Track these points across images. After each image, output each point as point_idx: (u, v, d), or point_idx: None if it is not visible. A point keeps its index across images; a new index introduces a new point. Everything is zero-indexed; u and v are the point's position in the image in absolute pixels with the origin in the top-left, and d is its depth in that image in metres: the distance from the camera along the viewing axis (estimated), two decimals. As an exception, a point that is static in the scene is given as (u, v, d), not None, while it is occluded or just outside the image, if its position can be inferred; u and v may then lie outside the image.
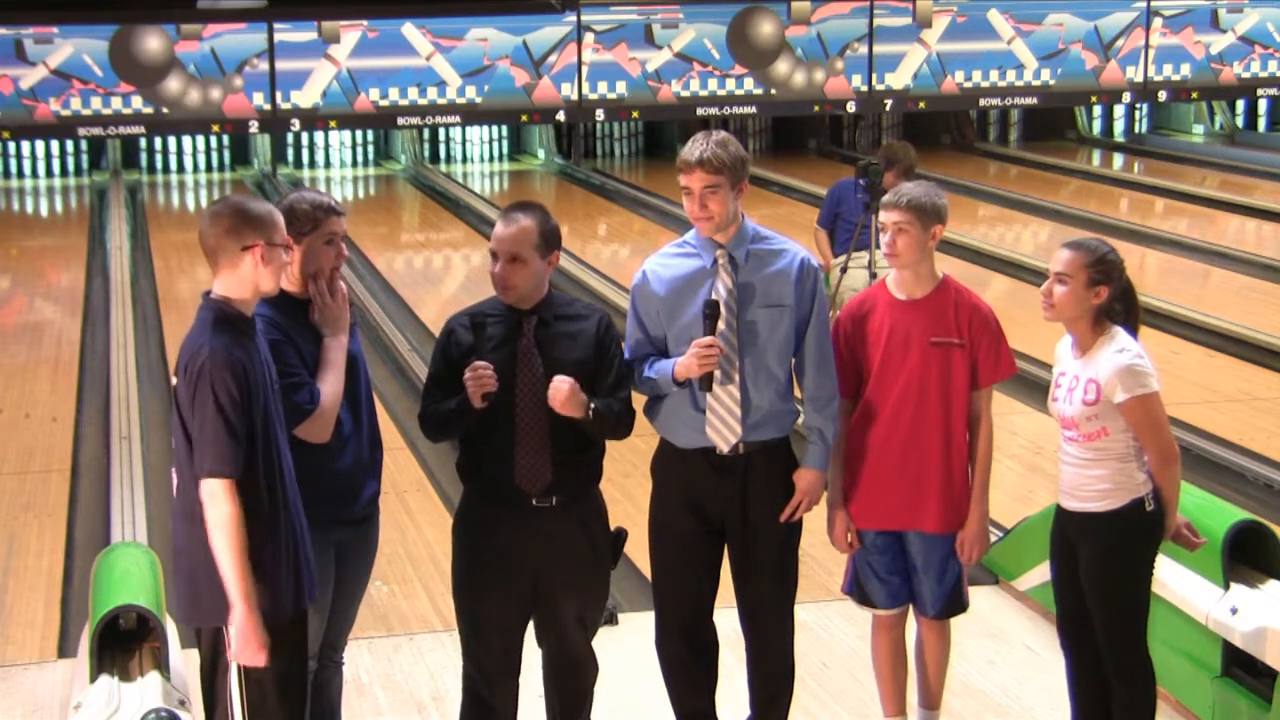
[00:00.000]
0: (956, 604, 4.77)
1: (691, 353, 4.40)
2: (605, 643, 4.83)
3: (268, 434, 3.86)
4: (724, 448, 4.50)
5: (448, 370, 4.38)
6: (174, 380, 3.86)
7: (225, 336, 3.81)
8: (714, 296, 4.46)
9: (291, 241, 4.18)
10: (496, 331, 4.37)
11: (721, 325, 4.45)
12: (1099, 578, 4.46)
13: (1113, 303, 4.44)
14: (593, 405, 4.34)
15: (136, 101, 16.44)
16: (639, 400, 4.58)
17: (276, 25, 16.23)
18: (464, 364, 4.31)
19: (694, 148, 4.47)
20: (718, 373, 4.44)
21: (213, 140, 18.37)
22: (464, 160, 19.22)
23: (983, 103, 18.63)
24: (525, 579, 4.42)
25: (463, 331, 4.39)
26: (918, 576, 4.71)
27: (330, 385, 4.20)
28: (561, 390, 4.27)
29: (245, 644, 3.83)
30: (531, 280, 4.37)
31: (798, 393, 4.63)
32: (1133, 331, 4.48)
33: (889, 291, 4.66)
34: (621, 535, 4.55)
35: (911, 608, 4.80)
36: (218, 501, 3.75)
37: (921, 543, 4.67)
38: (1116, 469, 4.42)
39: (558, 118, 17.62)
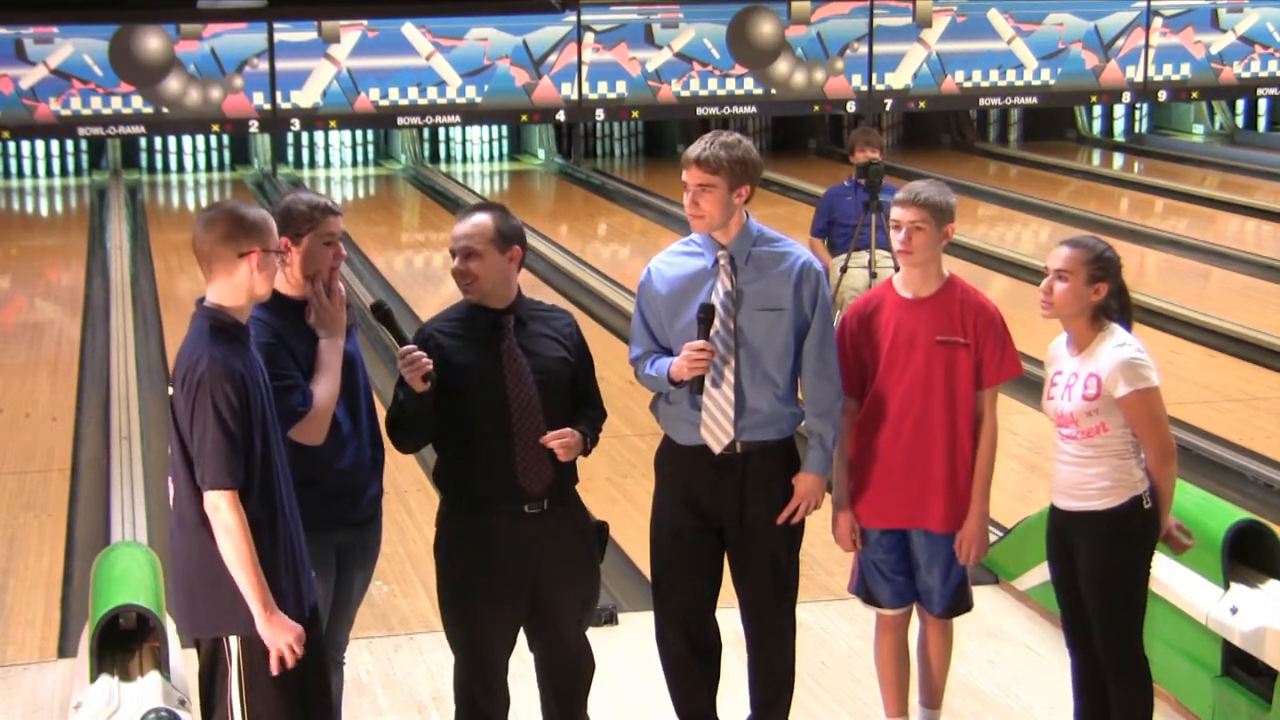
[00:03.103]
0: (962, 603, 4.77)
1: (683, 355, 4.41)
2: (605, 643, 4.83)
3: (265, 442, 3.83)
4: (716, 449, 4.50)
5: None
6: (170, 391, 3.83)
7: (223, 346, 3.77)
8: (711, 299, 4.46)
9: (289, 243, 4.18)
10: (475, 335, 4.37)
11: (717, 326, 4.45)
12: (1097, 576, 4.46)
13: (1109, 299, 4.45)
14: (586, 435, 4.40)
15: (136, 101, 16.44)
16: (646, 396, 4.58)
17: (276, 25, 16.24)
18: (442, 375, 4.27)
19: (697, 145, 4.48)
20: (709, 376, 4.44)
21: (213, 140, 18.38)
22: (464, 160, 19.23)
23: (983, 102, 18.63)
24: (523, 588, 4.40)
25: (439, 337, 4.37)
26: (922, 575, 4.71)
27: (324, 387, 4.16)
28: (570, 445, 4.31)
29: (276, 643, 3.79)
30: (493, 275, 4.35)
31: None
32: (1127, 327, 4.49)
33: (895, 290, 4.67)
34: (604, 528, 4.56)
35: (916, 606, 4.80)
36: (222, 513, 3.72)
37: (926, 541, 4.67)
38: (1115, 466, 4.42)
39: (558, 118, 17.63)
